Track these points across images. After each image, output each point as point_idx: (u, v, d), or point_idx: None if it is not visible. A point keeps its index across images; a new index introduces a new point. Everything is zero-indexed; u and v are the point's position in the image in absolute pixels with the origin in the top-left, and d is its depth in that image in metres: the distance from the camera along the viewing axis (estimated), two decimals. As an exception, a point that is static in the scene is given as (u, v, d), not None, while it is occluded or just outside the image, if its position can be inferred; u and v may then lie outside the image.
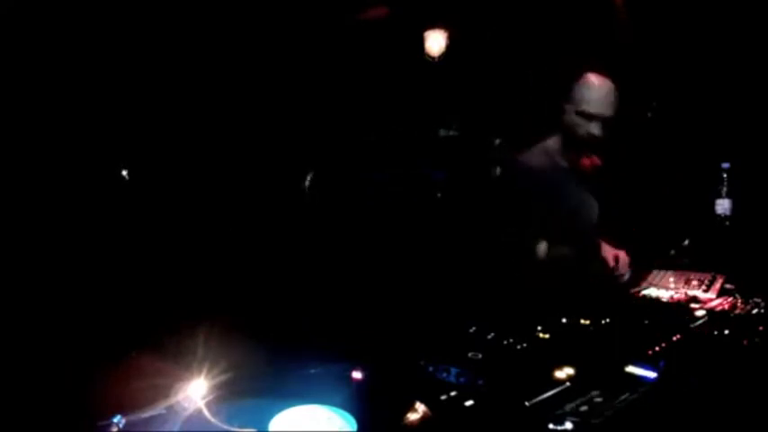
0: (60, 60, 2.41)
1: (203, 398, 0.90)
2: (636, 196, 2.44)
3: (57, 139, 2.39)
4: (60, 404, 1.05)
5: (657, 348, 1.19)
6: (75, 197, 2.38)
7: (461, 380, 1.00)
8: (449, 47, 3.75)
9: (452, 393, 0.93)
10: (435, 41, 3.80)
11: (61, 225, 2.28)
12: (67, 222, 2.30)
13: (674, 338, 1.27)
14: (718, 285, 1.91)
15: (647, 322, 1.43)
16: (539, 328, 1.30)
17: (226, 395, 0.91)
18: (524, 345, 1.18)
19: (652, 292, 1.95)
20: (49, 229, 2.25)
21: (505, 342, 1.20)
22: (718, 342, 1.31)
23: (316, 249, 3.02)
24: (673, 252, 2.36)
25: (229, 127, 3.08)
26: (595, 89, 2.12)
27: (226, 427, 0.83)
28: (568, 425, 0.84)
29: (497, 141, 2.22)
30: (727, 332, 1.35)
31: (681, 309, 1.64)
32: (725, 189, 2.43)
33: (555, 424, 0.84)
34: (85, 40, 2.48)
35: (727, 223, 2.42)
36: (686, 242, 2.39)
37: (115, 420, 0.83)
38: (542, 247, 2.07)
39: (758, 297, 1.70)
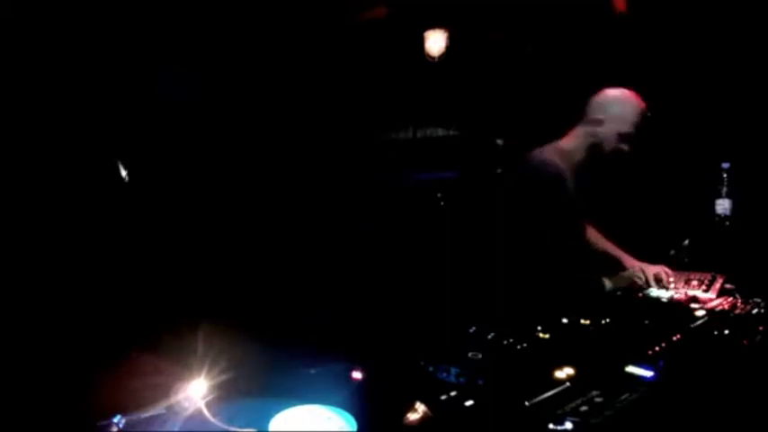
0: (59, 61, 2.41)
1: (203, 398, 0.90)
2: (636, 196, 2.44)
3: (57, 140, 2.39)
4: (60, 404, 1.05)
5: (657, 348, 1.19)
6: (75, 197, 2.38)
7: (461, 380, 1.00)
8: (449, 47, 3.75)
9: (452, 393, 0.93)
10: (435, 41, 3.80)
11: (61, 225, 2.28)
12: (68, 222, 2.30)
13: (674, 338, 1.27)
14: (718, 285, 1.91)
15: (647, 322, 1.43)
16: (539, 328, 1.30)
17: (226, 395, 0.91)
18: (524, 345, 1.18)
19: (652, 292, 1.95)
20: (50, 230, 2.25)
21: (505, 342, 1.20)
22: (718, 342, 1.31)
23: (315, 250, 3.01)
24: (673, 252, 2.36)
25: (229, 128, 3.08)
26: (637, 112, 2.08)
27: (226, 427, 0.83)
28: (568, 425, 0.84)
29: (499, 142, 2.20)
30: (727, 332, 1.35)
31: (681, 309, 1.64)
32: (725, 189, 2.43)
33: (555, 424, 0.84)
34: (85, 40, 2.48)
35: (727, 223, 2.42)
36: (686, 242, 2.39)
37: (115, 420, 0.83)
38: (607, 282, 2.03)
39: (758, 297, 1.70)
